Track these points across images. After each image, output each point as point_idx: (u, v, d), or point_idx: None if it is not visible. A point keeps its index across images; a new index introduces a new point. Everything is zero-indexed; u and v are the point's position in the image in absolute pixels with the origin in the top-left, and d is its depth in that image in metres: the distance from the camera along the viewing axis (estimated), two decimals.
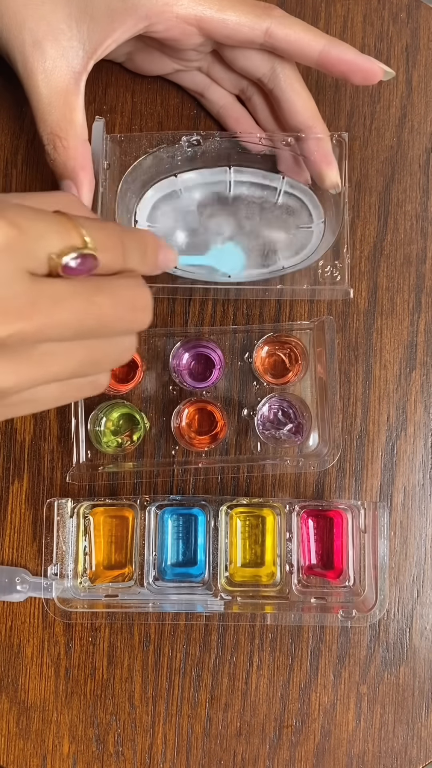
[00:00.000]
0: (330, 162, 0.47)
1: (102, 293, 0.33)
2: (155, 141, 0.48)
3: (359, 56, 0.45)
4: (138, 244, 0.36)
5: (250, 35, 0.45)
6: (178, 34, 0.45)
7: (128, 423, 0.50)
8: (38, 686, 0.50)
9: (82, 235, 0.32)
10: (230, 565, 0.49)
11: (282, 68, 0.46)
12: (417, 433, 0.50)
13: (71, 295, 0.32)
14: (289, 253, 0.49)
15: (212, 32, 0.45)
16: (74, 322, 0.32)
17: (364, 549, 0.48)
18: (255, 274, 0.49)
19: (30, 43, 0.43)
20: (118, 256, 0.34)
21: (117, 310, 0.34)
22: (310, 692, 0.49)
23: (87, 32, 0.44)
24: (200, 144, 0.48)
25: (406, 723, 0.49)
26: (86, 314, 0.32)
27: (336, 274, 0.47)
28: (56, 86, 0.44)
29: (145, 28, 0.44)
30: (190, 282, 0.49)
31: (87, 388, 0.37)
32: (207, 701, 0.49)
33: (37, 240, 0.31)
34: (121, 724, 0.49)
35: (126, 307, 0.34)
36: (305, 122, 0.47)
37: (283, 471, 0.50)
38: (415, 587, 0.50)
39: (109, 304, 0.33)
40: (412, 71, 0.52)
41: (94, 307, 0.33)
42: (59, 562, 0.48)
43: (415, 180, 0.52)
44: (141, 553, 0.48)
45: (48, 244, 0.31)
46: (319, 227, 0.49)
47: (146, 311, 0.35)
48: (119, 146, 0.48)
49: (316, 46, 0.45)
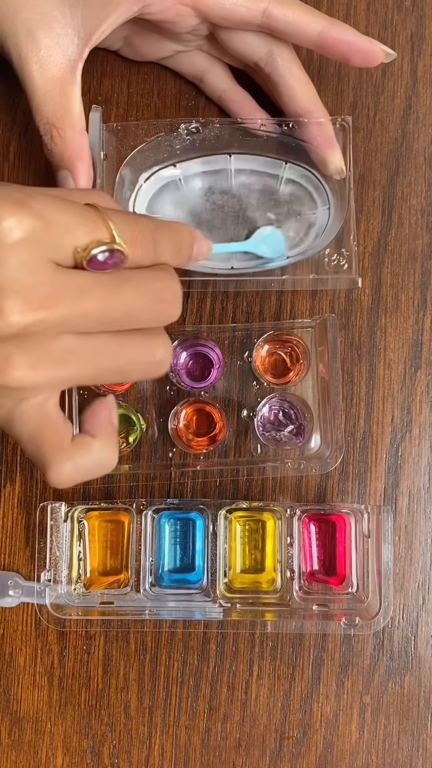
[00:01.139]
0: (333, 147, 0.46)
1: (128, 284, 0.33)
2: (153, 130, 0.47)
3: (360, 37, 0.44)
4: (172, 238, 0.36)
5: (247, 16, 0.44)
6: (173, 15, 0.44)
7: (124, 424, 0.49)
8: (31, 696, 0.48)
9: (110, 229, 0.32)
10: (229, 571, 0.48)
11: (280, 52, 0.46)
12: (422, 435, 0.49)
13: (96, 286, 0.32)
14: (294, 243, 0.48)
15: (208, 13, 0.44)
16: (98, 311, 0.32)
17: (367, 554, 0.47)
18: (258, 264, 0.48)
19: (23, 32, 0.43)
20: (149, 251, 0.34)
21: (143, 301, 0.34)
22: (311, 702, 0.48)
23: (81, 18, 0.43)
24: (199, 132, 0.47)
25: (411, 734, 0.48)
26: (111, 304, 0.32)
27: (343, 262, 0.46)
28: (52, 75, 0.43)
29: (140, 11, 0.43)
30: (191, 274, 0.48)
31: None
32: (205, 712, 0.48)
33: (63, 233, 0.31)
34: (116, 735, 0.48)
35: (153, 298, 0.34)
36: (305, 107, 0.46)
37: (284, 474, 0.49)
38: (420, 594, 0.48)
39: (134, 295, 0.33)
40: (417, 60, 0.51)
41: (119, 298, 0.33)
42: (53, 567, 0.47)
43: (421, 173, 0.50)
44: (137, 559, 0.47)
45: (75, 237, 0.32)
46: (323, 214, 0.48)
47: (175, 303, 0.35)
48: (116, 136, 0.47)
49: (316, 27, 0.44)
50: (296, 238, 0.48)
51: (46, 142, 0.44)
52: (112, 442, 0.37)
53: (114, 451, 0.37)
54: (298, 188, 0.49)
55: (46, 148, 0.45)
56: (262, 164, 0.49)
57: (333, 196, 0.48)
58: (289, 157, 0.48)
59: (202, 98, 0.51)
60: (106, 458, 0.36)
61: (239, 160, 0.49)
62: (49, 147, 0.44)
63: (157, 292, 0.34)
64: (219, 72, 0.49)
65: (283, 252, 0.48)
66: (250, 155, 0.48)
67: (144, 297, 0.34)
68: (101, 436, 0.36)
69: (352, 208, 0.47)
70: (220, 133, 0.48)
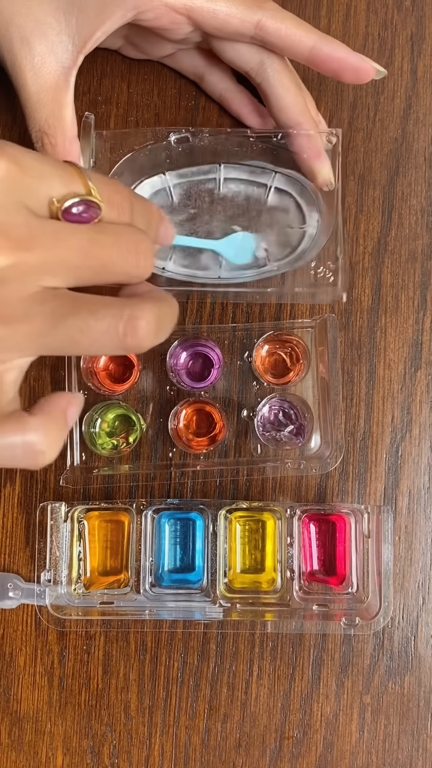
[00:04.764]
0: (321, 158, 0.46)
1: (105, 233, 0.32)
2: (143, 138, 0.47)
3: (351, 54, 0.44)
4: (144, 210, 0.36)
5: (240, 27, 0.44)
6: (167, 23, 0.44)
7: (124, 424, 0.49)
8: (31, 696, 0.48)
9: (87, 183, 0.32)
10: (229, 571, 0.48)
11: (271, 62, 0.45)
12: (422, 435, 0.49)
13: (72, 233, 0.31)
14: (281, 254, 0.48)
15: (202, 23, 0.44)
16: (76, 259, 0.31)
17: (367, 554, 0.47)
18: (245, 275, 0.48)
19: (17, 39, 0.43)
20: (125, 214, 0.34)
21: (119, 251, 0.33)
22: (311, 702, 0.48)
23: (76, 25, 0.43)
24: (189, 140, 0.47)
25: (411, 734, 0.48)
26: (89, 252, 0.32)
27: (329, 275, 0.46)
28: (45, 83, 0.43)
29: (134, 17, 0.43)
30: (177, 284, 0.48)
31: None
32: (205, 712, 0.48)
33: (39, 179, 0.31)
34: (116, 735, 0.48)
35: (129, 249, 0.33)
36: (294, 118, 0.46)
37: (284, 474, 0.49)
38: (420, 594, 0.48)
39: (111, 242, 0.32)
40: (417, 61, 0.51)
41: (95, 246, 0.32)
42: (53, 568, 0.47)
43: (421, 173, 0.50)
44: (137, 559, 0.47)
45: (50, 187, 0.31)
46: (312, 227, 0.48)
47: (149, 257, 0.34)
48: (106, 143, 0.47)
49: (308, 42, 0.44)
50: (283, 250, 0.48)
51: (37, 150, 0.44)
52: (51, 428, 0.33)
53: (50, 440, 0.33)
54: (287, 198, 0.48)
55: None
56: (252, 173, 0.48)
57: (322, 208, 0.48)
58: (278, 167, 0.48)
59: (202, 98, 0.51)
60: (38, 442, 0.32)
61: (228, 169, 0.48)
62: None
63: (133, 243, 0.33)
64: (219, 71, 0.49)
65: (250, 259, 0.47)
66: (240, 164, 0.48)
67: (120, 247, 0.33)
68: (41, 417, 0.33)
69: (339, 221, 0.46)
70: (210, 142, 0.47)
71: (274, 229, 0.48)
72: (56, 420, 0.33)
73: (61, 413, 0.33)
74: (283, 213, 0.48)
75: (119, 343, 0.32)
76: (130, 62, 0.51)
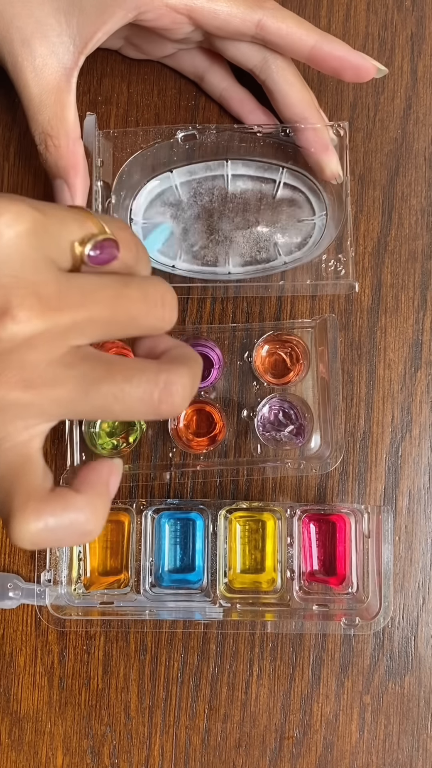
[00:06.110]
0: (329, 151, 0.46)
1: (131, 286, 0.31)
2: (150, 136, 0.47)
3: (351, 53, 0.44)
4: (143, 246, 0.35)
5: (241, 27, 0.44)
6: (168, 23, 0.44)
7: (124, 424, 0.49)
8: (31, 696, 0.48)
9: (99, 223, 0.31)
10: (229, 572, 0.48)
11: (274, 59, 0.46)
12: (422, 435, 0.49)
13: (100, 288, 0.30)
14: (291, 248, 0.48)
15: (202, 22, 0.44)
16: (106, 315, 0.30)
17: (367, 554, 0.47)
18: (255, 270, 0.48)
19: (18, 41, 0.43)
20: (132, 251, 0.33)
21: (147, 305, 0.32)
22: (311, 702, 0.48)
23: (77, 26, 0.43)
24: (196, 138, 0.47)
25: (411, 734, 0.48)
26: (117, 307, 0.31)
27: (340, 268, 0.46)
28: (47, 84, 0.43)
29: (135, 18, 0.43)
30: (188, 280, 0.48)
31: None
32: (205, 712, 0.48)
33: (60, 225, 0.30)
34: (116, 735, 0.48)
35: (155, 302, 0.32)
36: (301, 113, 0.46)
37: (284, 474, 0.49)
38: (420, 594, 0.48)
39: (139, 297, 0.31)
40: (417, 61, 0.51)
41: (124, 300, 0.31)
42: (53, 568, 0.47)
43: (421, 173, 0.50)
44: (137, 559, 0.47)
45: (70, 231, 0.30)
46: (321, 220, 0.48)
47: (174, 309, 0.33)
48: (112, 142, 0.47)
49: (308, 41, 0.44)
50: (293, 244, 0.48)
51: (41, 152, 0.44)
52: (98, 505, 0.31)
53: (98, 517, 0.31)
54: (296, 193, 0.48)
55: (42, 157, 0.44)
56: (259, 169, 0.48)
57: (330, 201, 0.48)
58: (286, 163, 0.48)
59: (203, 98, 0.51)
60: (86, 522, 0.30)
61: (236, 166, 0.48)
62: (44, 156, 0.44)
63: (159, 295, 0.32)
64: (219, 70, 0.49)
65: (159, 247, 0.47)
66: (247, 160, 0.48)
67: (148, 300, 0.32)
68: (88, 494, 0.31)
69: (349, 213, 0.46)
70: (217, 139, 0.48)
71: (283, 224, 0.48)
72: (102, 496, 0.31)
73: (104, 486, 0.32)
74: (292, 207, 0.48)
75: (153, 410, 0.31)
76: (130, 62, 0.51)
